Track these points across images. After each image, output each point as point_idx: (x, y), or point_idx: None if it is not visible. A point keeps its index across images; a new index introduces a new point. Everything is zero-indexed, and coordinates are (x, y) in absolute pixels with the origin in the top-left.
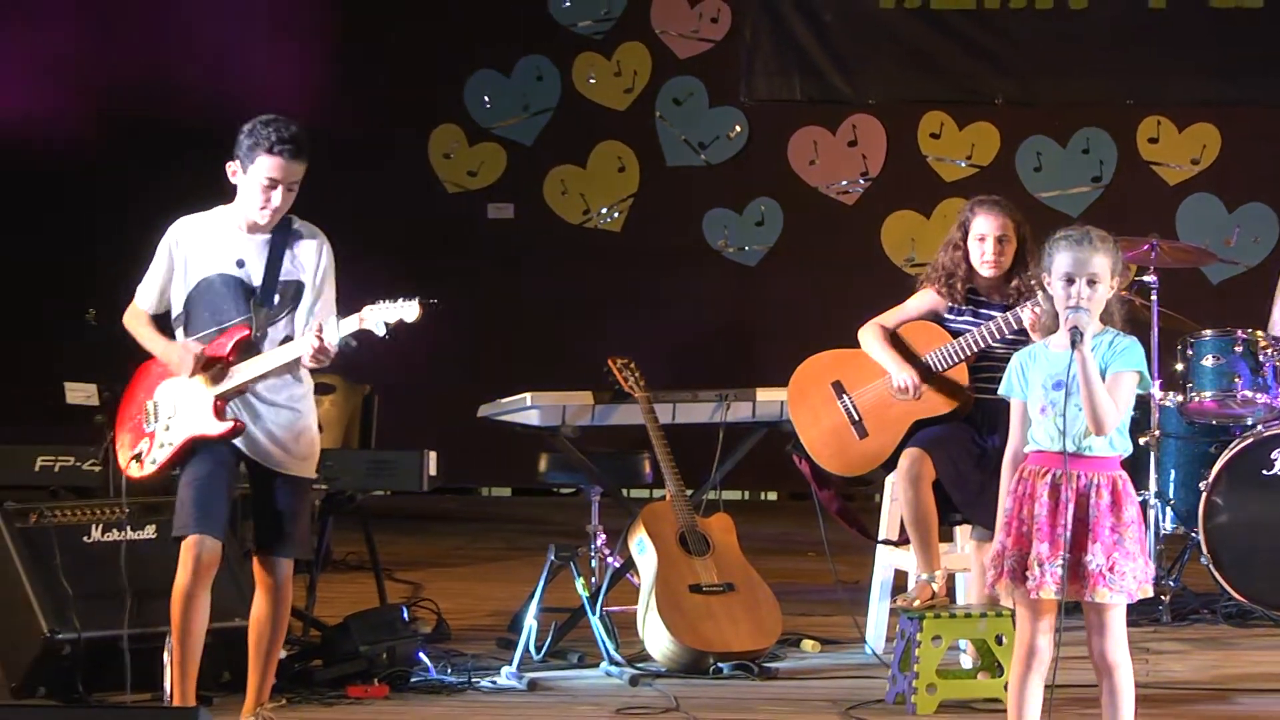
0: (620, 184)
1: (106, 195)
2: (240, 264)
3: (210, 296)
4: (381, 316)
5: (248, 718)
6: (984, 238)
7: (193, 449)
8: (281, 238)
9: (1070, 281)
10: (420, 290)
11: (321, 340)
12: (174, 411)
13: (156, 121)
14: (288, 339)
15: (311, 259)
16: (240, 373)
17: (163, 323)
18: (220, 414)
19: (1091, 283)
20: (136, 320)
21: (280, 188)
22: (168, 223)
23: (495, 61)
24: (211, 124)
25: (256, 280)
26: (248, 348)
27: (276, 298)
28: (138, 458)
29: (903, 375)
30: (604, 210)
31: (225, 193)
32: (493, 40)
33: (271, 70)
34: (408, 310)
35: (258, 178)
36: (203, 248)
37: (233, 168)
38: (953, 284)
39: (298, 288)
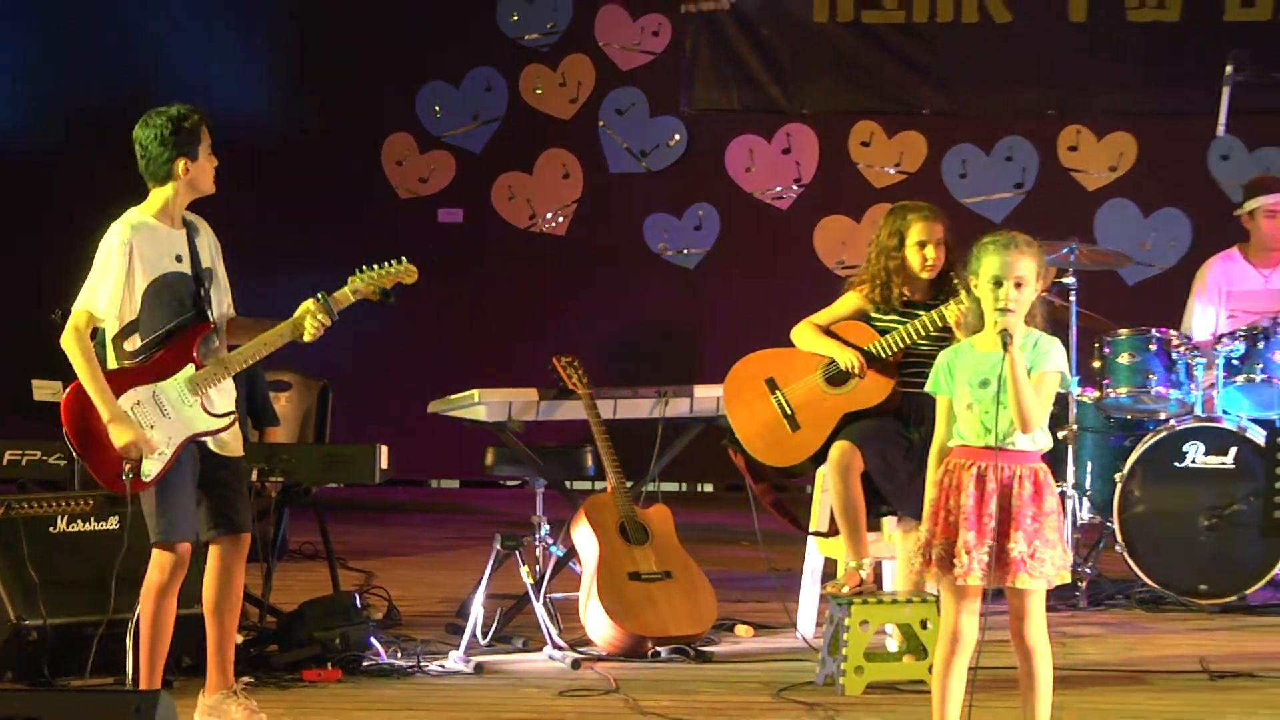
0: (565, 190)
1: (68, 196)
2: (179, 259)
3: (165, 296)
4: (379, 283)
5: (219, 693)
6: (924, 244)
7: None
8: (189, 230)
9: (999, 284)
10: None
11: (320, 319)
12: (155, 419)
13: (118, 125)
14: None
15: (213, 245)
16: (226, 365)
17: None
18: (208, 409)
19: (1018, 285)
20: (87, 355)
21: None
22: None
23: (446, 73)
24: None
25: (193, 272)
26: (208, 340)
27: (206, 285)
28: (131, 471)
29: (847, 355)
30: (549, 215)
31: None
32: (443, 53)
33: (230, 80)
34: (407, 272)
35: (208, 154)
36: (151, 250)
37: (183, 163)
38: (888, 291)
39: (211, 273)
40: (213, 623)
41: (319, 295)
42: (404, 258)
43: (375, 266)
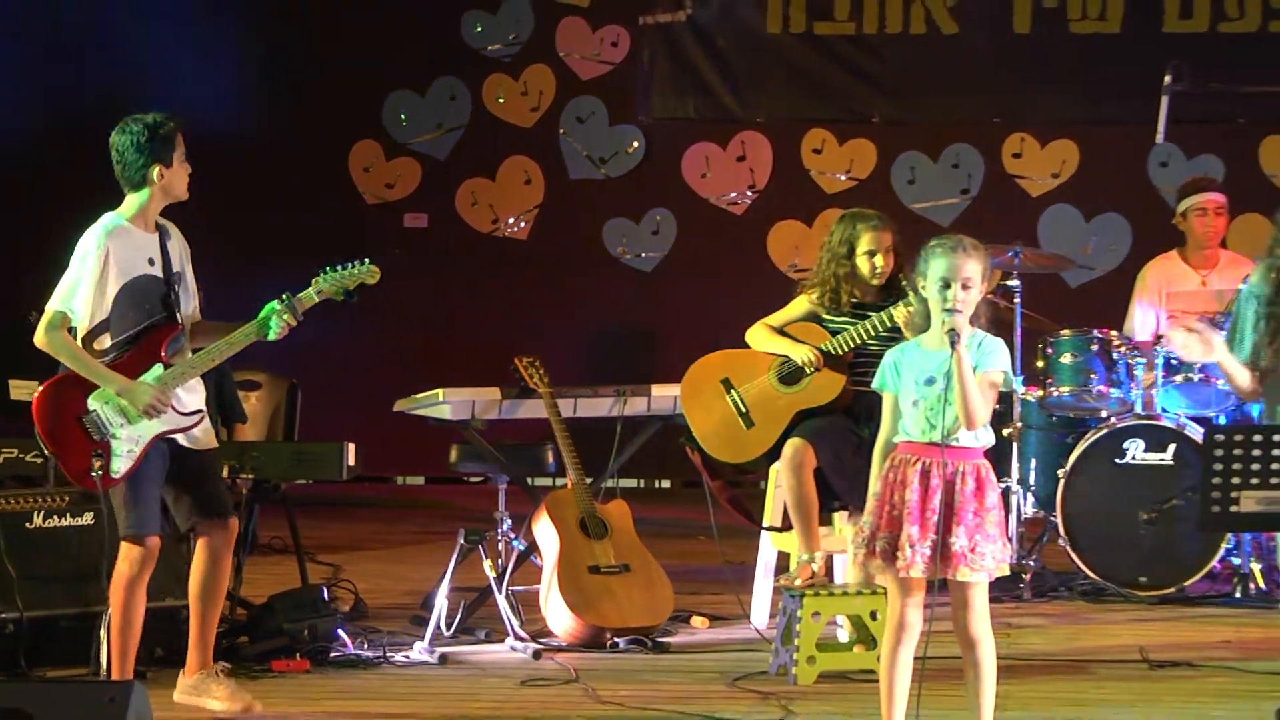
0: (527, 195)
1: (46, 199)
2: (151, 262)
3: (135, 299)
4: (342, 284)
5: (199, 674)
6: (874, 254)
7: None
8: (162, 234)
9: (947, 285)
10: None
11: (285, 318)
12: (125, 418)
13: (95, 130)
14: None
15: (183, 249)
16: (194, 364)
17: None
18: (177, 408)
19: (965, 287)
20: (71, 345)
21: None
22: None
23: (411, 82)
24: None
25: (164, 275)
26: (176, 341)
27: (176, 287)
28: (101, 469)
29: (802, 351)
30: (511, 220)
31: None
32: (409, 63)
33: (205, 89)
34: (369, 274)
35: (182, 160)
36: (126, 253)
37: (159, 169)
38: (838, 296)
39: (181, 276)
40: (196, 608)
41: (284, 296)
42: (367, 259)
43: (339, 267)
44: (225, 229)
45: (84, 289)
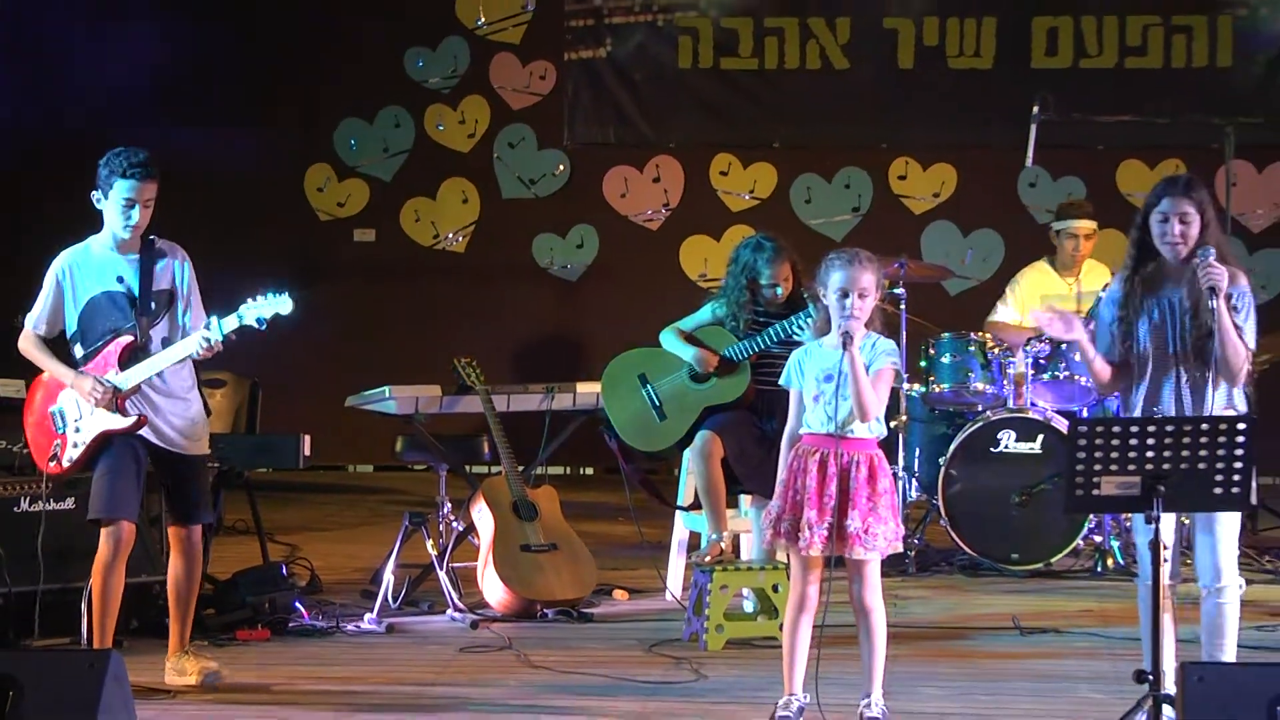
0: (464, 213)
1: (34, 209)
2: (120, 280)
3: (100, 312)
4: (258, 312)
5: (176, 655)
6: (774, 286)
7: (104, 443)
8: (148, 255)
9: (845, 295)
10: (296, 297)
11: (209, 339)
12: (80, 415)
13: (74, 149)
14: (166, 340)
15: (176, 271)
16: (136, 373)
17: (52, 343)
18: (123, 411)
19: (862, 296)
20: (36, 347)
21: (137, 206)
22: (70, 240)
23: (360, 111)
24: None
25: (135, 293)
26: (135, 352)
27: (153, 305)
28: (54, 457)
29: (699, 357)
30: (450, 235)
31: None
32: (358, 94)
33: (174, 117)
34: (283, 304)
35: (117, 200)
36: (86, 273)
37: (96, 196)
38: (741, 317)
39: (170, 295)
40: (172, 596)
41: (208, 322)
42: (287, 292)
43: (258, 298)
44: (192, 243)
45: (40, 306)
